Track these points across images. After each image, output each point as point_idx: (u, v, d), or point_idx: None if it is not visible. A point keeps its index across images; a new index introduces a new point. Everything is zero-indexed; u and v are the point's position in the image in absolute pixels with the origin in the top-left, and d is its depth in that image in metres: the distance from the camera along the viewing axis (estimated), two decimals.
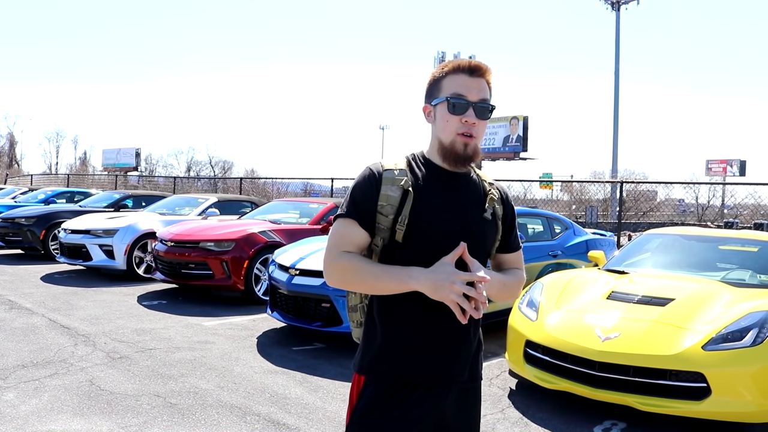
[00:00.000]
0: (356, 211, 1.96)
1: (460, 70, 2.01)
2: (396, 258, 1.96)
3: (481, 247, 2.04)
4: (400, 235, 1.94)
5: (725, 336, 4.45)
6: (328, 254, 1.98)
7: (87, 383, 5.10)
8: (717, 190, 34.83)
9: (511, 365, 5.30)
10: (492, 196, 2.10)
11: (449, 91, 1.99)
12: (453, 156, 1.99)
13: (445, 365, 2.00)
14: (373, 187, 1.97)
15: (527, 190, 22.74)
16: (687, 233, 6.94)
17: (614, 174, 37.61)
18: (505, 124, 43.39)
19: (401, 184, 1.96)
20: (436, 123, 2.04)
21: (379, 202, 1.95)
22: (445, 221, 1.97)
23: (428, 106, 2.07)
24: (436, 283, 1.82)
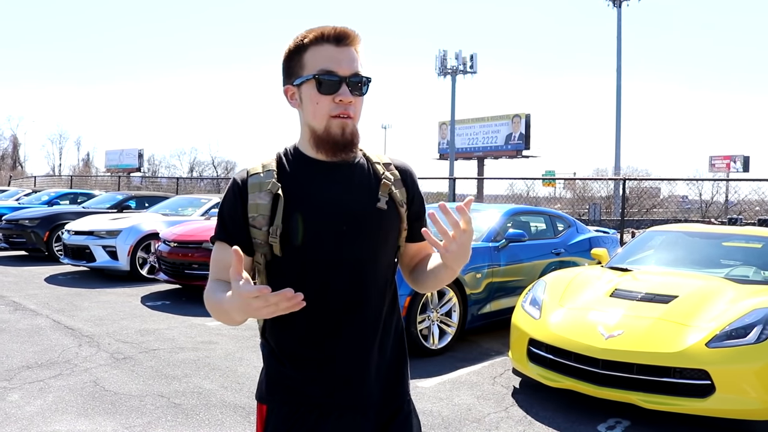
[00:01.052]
0: (225, 231, 1.70)
1: (324, 40, 1.66)
2: (284, 274, 1.69)
3: (381, 242, 1.74)
4: (277, 249, 1.66)
5: (729, 333, 4.44)
6: (207, 286, 1.71)
7: (91, 384, 5.11)
8: (720, 187, 34.77)
9: (514, 363, 5.30)
10: (386, 180, 1.76)
11: (315, 66, 1.65)
12: (330, 144, 1.67)
13: (348, 388, 1.70)
14: (237, 198, 1.70)
15: (530, 188, 22.72)
16: (690, 230, 6.93)
17: (617, 171, 37.57)
18: (507, 122, 43.40)
19: (269, 188, 1.68)
20: (303, 107, 1.70)
21: (249, 214, 1.68)
22: (328, 222, 1.67)
23: (290, 87, 1.72)
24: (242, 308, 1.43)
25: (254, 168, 1.74)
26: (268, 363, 1.76)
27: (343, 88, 1.65)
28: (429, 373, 5.66)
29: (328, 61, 1.65)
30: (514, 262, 7.25)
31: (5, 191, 23.40)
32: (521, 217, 8.22)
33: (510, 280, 7.15)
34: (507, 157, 44.77)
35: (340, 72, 1.65)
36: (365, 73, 1.71)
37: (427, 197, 24.89)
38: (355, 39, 1.69)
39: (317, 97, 1.66)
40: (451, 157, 43.62)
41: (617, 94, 41.38)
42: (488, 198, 24.66)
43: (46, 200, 17.67)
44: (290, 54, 1.70)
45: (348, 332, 1.69)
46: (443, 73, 44.49)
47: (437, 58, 44.66)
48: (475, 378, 5.59)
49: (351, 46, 1.68)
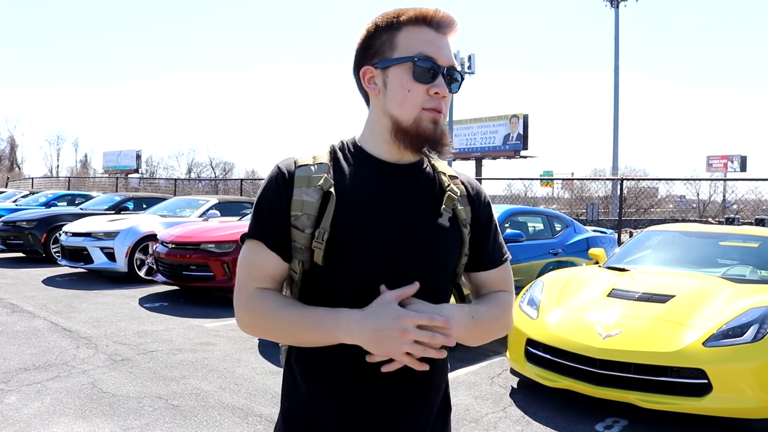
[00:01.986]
0: (263, 229, 1.43)
1: (425, 22, 1.44)
2: (320, 288, 1.43)
3: (438, 267, 1.47)
4: (319, 256, 1.40)
5: (726, 332, 4.45)
6: (238, 294, 1.44)
7: (89, 386, 5.10)
8: (718, 186, 34.85)
9: (512, 364, 5.31)
10: (451, 194, 1.50)
11: (412, 49, 1.42)
12: (420, 139, 1.44)
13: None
14: (281, 192, 1.43)
15: (528, 189, 22.76)
16: (687, 230, 6.95)
17: (615, 171, 37.63)
18: (505, 122, 43.43)
19: (319, 184, 1.42)
20: (387, 93, 1.45)
21: (292, 212, 1.42)
22: (381, 232, 1.42)
23: (370, 68, 1.47)
24: (378, 333, 1.30)
25: (303, 158, 1.47)
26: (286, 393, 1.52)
27: (439, 79, 1.43)
28: None
29: (427, 45, 1.42)
30: (512, 263, 7.23)
31: (2, 193, 23.38)
32: (519, 218, 8.23)
33: None
34: (505, 157, 44.74)
35: (439, 61, 1.43)
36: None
37: None
38: (456, 28, 1.47)
39: (410, 84, 1.42)
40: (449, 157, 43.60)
41: (615, 94, 41.47)
42: None
43: (44, 202, 17.67)
44: (377, 31, 1.46)
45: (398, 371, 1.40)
46: None
47: None
48: (473, 378, 5.60)
49: (451, 35, 1.47)
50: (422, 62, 1.41)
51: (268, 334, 1.43)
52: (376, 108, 1.49)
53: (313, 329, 1.36)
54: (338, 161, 1.48)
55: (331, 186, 1.42)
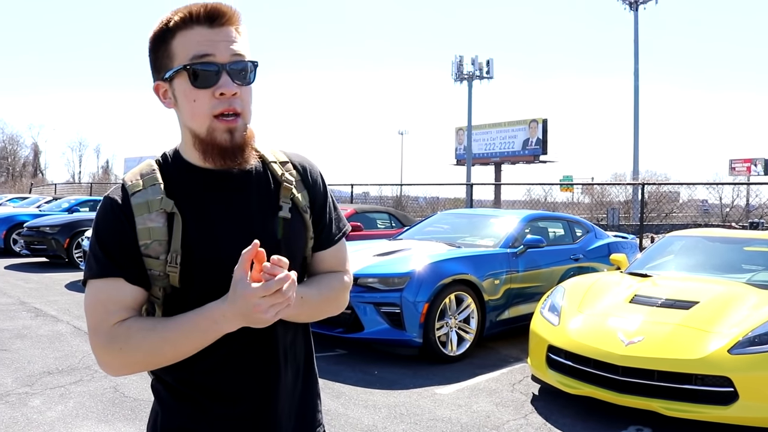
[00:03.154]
0: (116, 265, 1.35)
1: (194, 21, 1.35)
2: (184, 308, 1.36)
3: (290, 260, 1.35)
4: (175, 279, 1.37)
5: (752, 339, 4.38)
6: (95, 337, 1.34)
7: (111, 390, 5.14)
8: (741, 190, 34.40)
9: (533, 370, 5.27)
10: (287, 184, 1.49)
11: (186, 55, 1.34)
12: (216, 151, 1.38)
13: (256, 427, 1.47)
14: (124, 224, 1.36)
15: (548, 194, 22.62)
16: (711, 235, 6.86)
17: (635, 176, 37.31)
18: (524, 127, 43.30)
19: (161, 207, 1.37)
20: (179, 106, 1.40)
21: (141, 242, 1.36)
22: (230, 243, 1.37)
23: (161, 83, 1.41)
24: (245, 314, 1.25)
25: (133, 183, 1.40)
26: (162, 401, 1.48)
27: (223, 78, 1.34)
28: (447, 379, 5.64)
29: (200, 46, 1.34)
30: (533, 268, 7.21)
31: (26, 198, 23.67)
32: (539, 223, 8.18)
33: (528, 287, 7.12)
34: (524, 162, 44.62)
35: (218, 57, 1.34)
36: (250, 57, 1.40)
37: (445, 203, 24.86)
38: (234, 16, 1.38)
39: (193, 93, 1.35)
40: (468, 162, 43.55)
41: (635, 97, 41.13)
42: (506, 204, 24.56)
43: (67, 207, 17.84)
44: (155, 43, 1.38)
45: (255, 363, 1.44)
46: (460, 79, 44.43)
47: (453, 63, 44.61)
48: (494, 385, 5.56)
49: (229, 25, 1.37)
50: (197, 66, 1.33)
51: (142, 363, 1.36)
52: (179, 121, 1.44)
53: (192, 335, 1.32)
54: (167, 178, 1.42)
55: (172, 206, 1.37)
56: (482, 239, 7.50)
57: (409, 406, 4.94)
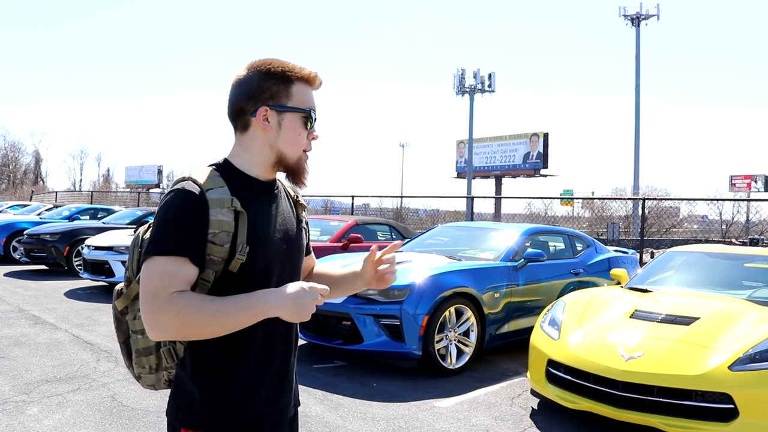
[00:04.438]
0: (185, 246, 1.61)
1: (309, 83, 1.82)
2: (230, 290, 1.68)
3: (302, 258, 1.94)
4: (236, 266, 1.67)
5: (753, 356, 4.37)
6: (154, 301, 1.58)
7: (109, 399, 5.12)
8: (741, 206, 34.40)
9: (532, 384, 5.25)
10: (302, 202, 1.97)
11: (303, 103, 1.79)
12: (298, 173, 1.83)
13: (281, 396, 1.83)
14: (201, 213, 1.64)
15: (548, 208, 22.66)
16: (711, 251, 6.86)
17: (636, 190, 37.34)
18: (525, 140, 43.35)
19: (231, 206, 1.67)
20: (280, 132, 1.77)
21: (210, 230, 1.64)
22: (275, 241, 1.77)
23: (268, 108, 1.75)
24: (297, 302, 1.63)
25: (206, 182, 1.69)
26: (203, 385, 1.70)
27: (315, 128, 1.84)
28: (446, 392, 5.62)
29: (311, 102, 1.81)
30: (533, 282, 7.21)
31: (27, 206, 23.68)
32: (540, 237, 8.18)
33: (528, 300, 7.11)
34: (525, 175, 44.61)
35: (315, 114, 1.83)
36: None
37: (445, 216, 24.86)
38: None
39: (300, 130, 1.79)
40: (468, 175, 43.56)
41: (636, 112, 41.24)
42: (506, 217, 24.57)
43: (67, 215, 17.86)
44: (271, 76, 1.76)
45: (282, 342, 1.81)
46: (461, 92, 44.49)
47: (455, 77, 44.69)
48: (493, 398, 5.54)
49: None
50: (311, 115, 1.80)
51: (193, 330, 1.62)
52: (260, 140, 1.78)
53: (243, 313, 1.62)
54: (231, 184, 1.72)
55: (239, 205, 1.69)
56: (483, 252, 7.50)
57: (407, 419, 4.92)
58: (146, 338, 1.74)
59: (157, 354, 1.76)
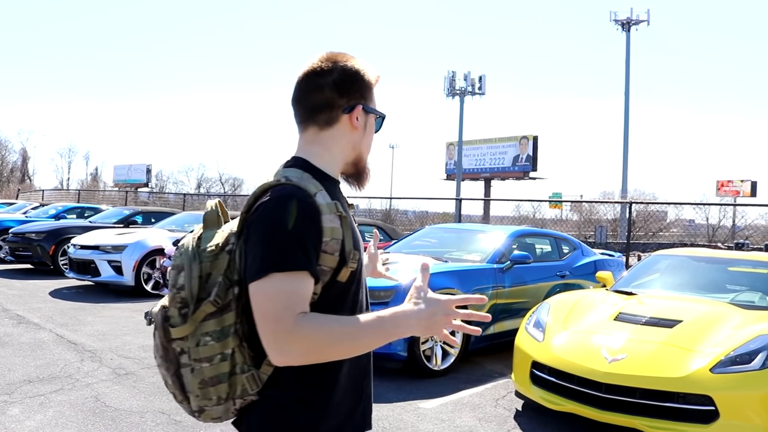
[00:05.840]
0: (308, 259, 1.46)
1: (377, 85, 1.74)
2: (337, 302, 1.56)
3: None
4: (346, 275, 1.55)
5: (734, 359, 4.40)
6: (277, 325, 1.40)
7: (92, 399, 5.09)
8: (727, 211, 34.62)
9: (517, 386, 5.27)
10: (350, 203, 1.79)
11: (377, 106, 1.72)
12: (365, 176, 1.75)
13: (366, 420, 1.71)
14: (316, 222, 1.49)
15: (537, 210, 22.71)
16: (696, 254, 6.90)
17: (624, 194, 37.50)
18: (514, 143, 43.47)
19: (339, 211, 1.54)
20: (363, 133, 1.69)
21: (324, 239, 1.50)
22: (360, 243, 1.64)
23: (361, 110, 1.66)
24: (432, 320, 1.47)
25: (308, 187, 1.53)
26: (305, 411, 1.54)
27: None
28: (431, 394, 5.62)
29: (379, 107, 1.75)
30: (519, 284, 7.23)
31: (13, 204, 23.51)
32: (526, 239, 8.21)
33: (514, 302, 7.13)
34: (514, 178, 44.74)
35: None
36: None
37: (434, 218, 24.90)
38: None
39: (373, 134, 1.74)
40: (458, 177, 43.64)
41: (625, 117, 41.42)
42: (494, 219, 24.64)
43: (53, 214, 17.74)
44: (365, 77, 1.67)
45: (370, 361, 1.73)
46: (452, 94, 44.57)
47: (446, 79, 44.78)
48: (478, 400, 5.56)
49: None
50: (382, 120, 1.76)
51: (321, 355, 1.45)
52: (345, 139, 1.67)
53: (375, 333, 1.46)
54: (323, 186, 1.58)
55: (343, 211, 1.55)
56: (469, 254, 7.51)
57: (392, 420, 4.92)
58: (215, 366, 1.50)
59: (230, 381, 1.52)
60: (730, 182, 50.13)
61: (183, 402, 1.59)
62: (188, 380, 1.53)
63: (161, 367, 1.59)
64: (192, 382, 1.52)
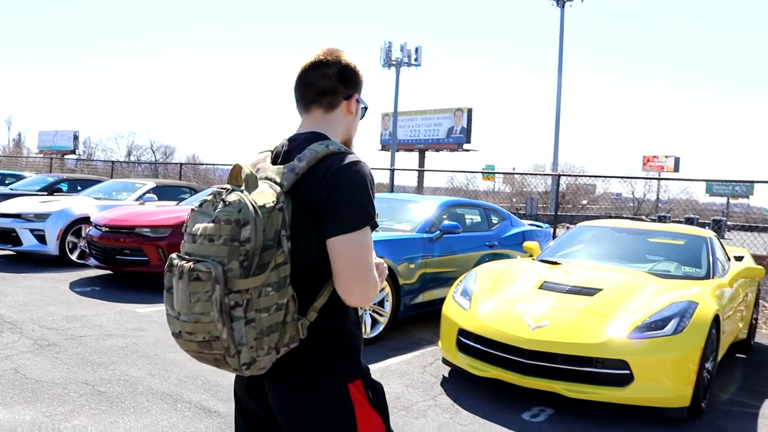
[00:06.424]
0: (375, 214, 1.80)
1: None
2: None
3: None
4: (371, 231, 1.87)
5: (649, 325, 4.60)
6: (371, 273, 1.73)
7: (11, 371, 4.95)
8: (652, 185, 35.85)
9: (444, 353, 5.37)
10: None
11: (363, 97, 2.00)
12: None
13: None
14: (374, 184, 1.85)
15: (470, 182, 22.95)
16: (618, 226, 7.13)
17: (555, 167, 38.29)
18: (449, 115, 43.73)
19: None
20: (356, 119, 2.00)
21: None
22: None
23: (356, 97, 1.96)
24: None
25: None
26: (349, 339, 1.83)
27: None
28: None
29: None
30: (448, 254, 7.33)
31: None
32: (456, 210, 8.31)
33: (443, 271, 7.23)
34: (448, 150, 45.15)
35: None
36: None
37: None
38: None
39: (359, 120, 2.01)
40: (392, 148, 43.71)
41: (557, 91, 42.10)
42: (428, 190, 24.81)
43: None
44: (362, 75, 1.96)
45: None
46: (388, 65, 44.43)
47: (382, 49, 44.58)
48: (405, 367, 5.65)
49: None
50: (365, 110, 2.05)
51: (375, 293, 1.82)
52: (343, 122, 1.95)
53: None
54: None
55: None
56: (399, 224, 7.57)
57: None
58: (271, 316, 1.63)
59: (282, 330, 1.66)
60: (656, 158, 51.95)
61: (235, 356, 1.63)
62: (242, 333, 1.60)
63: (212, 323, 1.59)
64: (248, 334, 1.60)
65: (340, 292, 1.71)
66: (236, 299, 1.58)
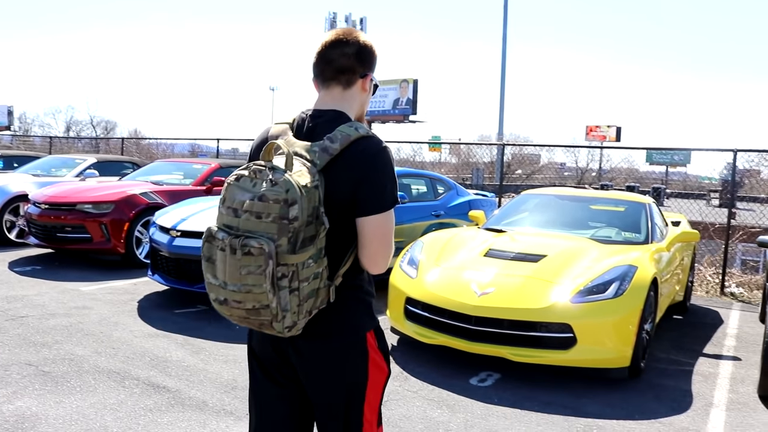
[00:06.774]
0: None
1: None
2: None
3: None
4: None
5: (591, 289, 4.73)
6: (393, 247, 2.00)
7: None
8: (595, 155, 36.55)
9: (391, 322, 5.42)
10: None
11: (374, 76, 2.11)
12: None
13: None
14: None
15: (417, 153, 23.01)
16: (562, 193, 7.28)
17: (500, 137, 38.66)
18: (395, 86, 43.60)
19: None
20: (368, 97, 2.12)
21: None
22: None
23: (370, 75, 2.09)
24: None
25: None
26: (366, 295, 2.04)
27: None
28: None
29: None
30: (396, 224, 7.34)
31: None
32: (402, 180, 8.34)
33: None
34: (394, 121, 45.06)
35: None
36: None
37: None
38: None
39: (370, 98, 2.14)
40: None
41: (502, 62, 42.36)
42: None
43: None
44: (376, 55, 2.09)
45: None
46: None
47: (327, 20, 44.10)
48: None
49: None
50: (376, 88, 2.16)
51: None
52: (358, 99, 2.08)
53: None
54: None
55: None
56: None
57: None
58: (311, 284, 1.81)
59: (317, 295, 1.84)
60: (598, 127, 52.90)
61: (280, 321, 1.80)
62: (286, 300, 1.77)
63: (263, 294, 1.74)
64: (291, 301, 1.78)
65: (365, 263, 1.96)
66: (283, 271, 1.74)
